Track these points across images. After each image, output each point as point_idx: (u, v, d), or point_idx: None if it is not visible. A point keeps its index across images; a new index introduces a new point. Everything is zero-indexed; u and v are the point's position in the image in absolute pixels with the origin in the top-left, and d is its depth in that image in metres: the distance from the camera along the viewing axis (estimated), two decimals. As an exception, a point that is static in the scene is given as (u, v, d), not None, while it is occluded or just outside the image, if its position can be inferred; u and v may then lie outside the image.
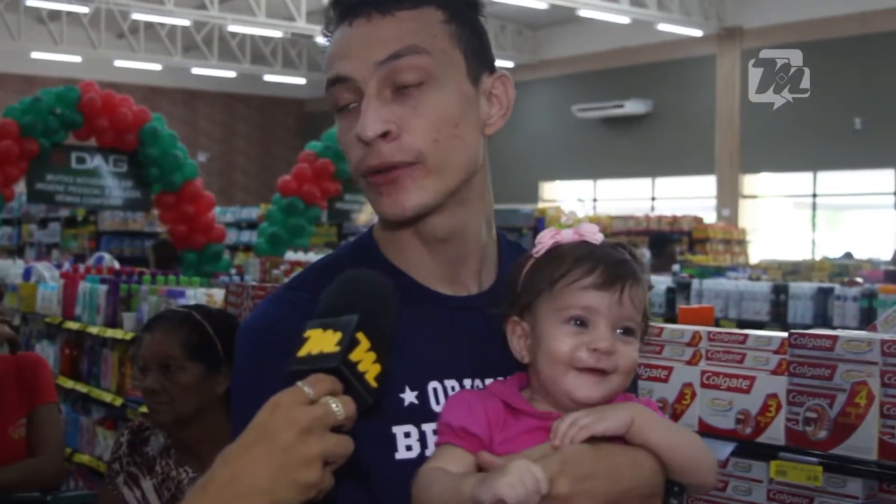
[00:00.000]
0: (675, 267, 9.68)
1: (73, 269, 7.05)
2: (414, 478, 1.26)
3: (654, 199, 20.96)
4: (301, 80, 25.90)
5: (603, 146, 21.01)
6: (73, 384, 5.80)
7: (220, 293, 4.56)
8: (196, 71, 24.60)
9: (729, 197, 18.92)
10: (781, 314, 7.45)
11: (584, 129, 21.32)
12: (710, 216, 17.57)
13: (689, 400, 2.20)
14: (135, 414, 4.83)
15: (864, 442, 1.92)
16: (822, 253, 15.33)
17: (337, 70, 1.35)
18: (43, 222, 16.85)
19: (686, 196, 20.08)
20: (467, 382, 1.37)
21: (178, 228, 10.70)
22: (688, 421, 2.18)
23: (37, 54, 22.41)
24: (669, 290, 8.16)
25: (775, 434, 2.05)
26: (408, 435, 1.32)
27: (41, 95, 9.86)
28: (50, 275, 6.92)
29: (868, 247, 15.58)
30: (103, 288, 5.59)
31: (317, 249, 11.92)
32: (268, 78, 25.61)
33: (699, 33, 18.91)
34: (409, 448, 1.31)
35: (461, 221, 1.39)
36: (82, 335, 5.80)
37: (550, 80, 22.09)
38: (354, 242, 1.49)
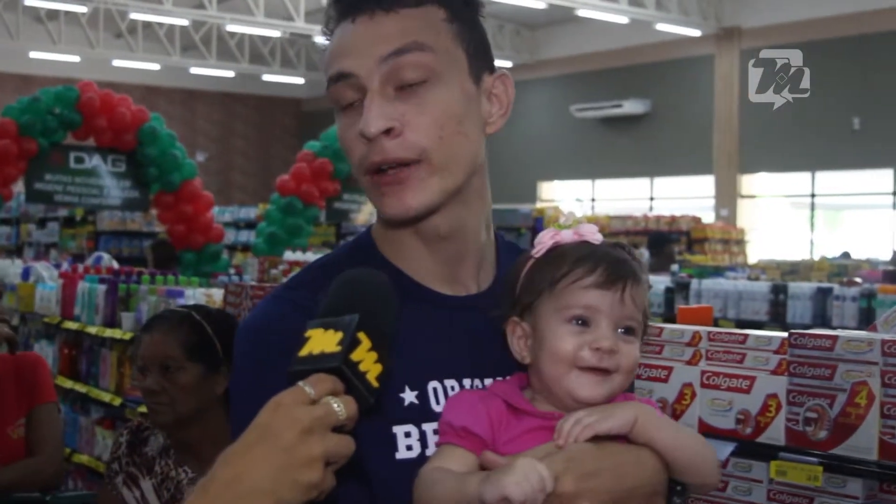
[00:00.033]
0: (673, 267, 9.68)
1: (72, 268, 7.03)
2: (415, 478, 1.26)
3: (652, 198, 20.95)
4: (299, 80, 25.91)
5: (601, 146, 21.01)
6: (71, 384, 5.80)
7: (218, 293, 4.55)
8: (194, 71, 24.60)
9: (727, 197, 18.91)
10: (780, 314, 7.44)
11: (583, 129, 21.31)
12: (708, 216, 17.57)
13: (689, 400, 2.19)
14: (134, 414, 4.83)
15: (865, 442, 1.92)
16: (820, 253, 15.32)
17: (339, 67, 1.34)
18: (41, 222, 16.84)
19: (684, 196, 20.07)
20: (467, 382, 1.37)
21: (177, 228, 10.70)
22: (688, 421, 2.17)
23: (35, 54, 22.41)
24: (668, 290, 8.14)
25: (775, 434, 2.05)
26: (408, 435, 1.32)
27: (39, 95, 9.85)
28: (48, 274, 6.90)
29: (867, 247, 15.60)
30: (102, 288, 5.58)
31: (315, 249, 11.93)
32: (266, 78, 25.61)
33: (697, 33, 18.90)
34: (409, 448, 1.31)
35: (461, 220, 1.39)
36: (81, 335, 5.80)
37: (549, 79, 22.08)
38: (353, 242, 1.48)
